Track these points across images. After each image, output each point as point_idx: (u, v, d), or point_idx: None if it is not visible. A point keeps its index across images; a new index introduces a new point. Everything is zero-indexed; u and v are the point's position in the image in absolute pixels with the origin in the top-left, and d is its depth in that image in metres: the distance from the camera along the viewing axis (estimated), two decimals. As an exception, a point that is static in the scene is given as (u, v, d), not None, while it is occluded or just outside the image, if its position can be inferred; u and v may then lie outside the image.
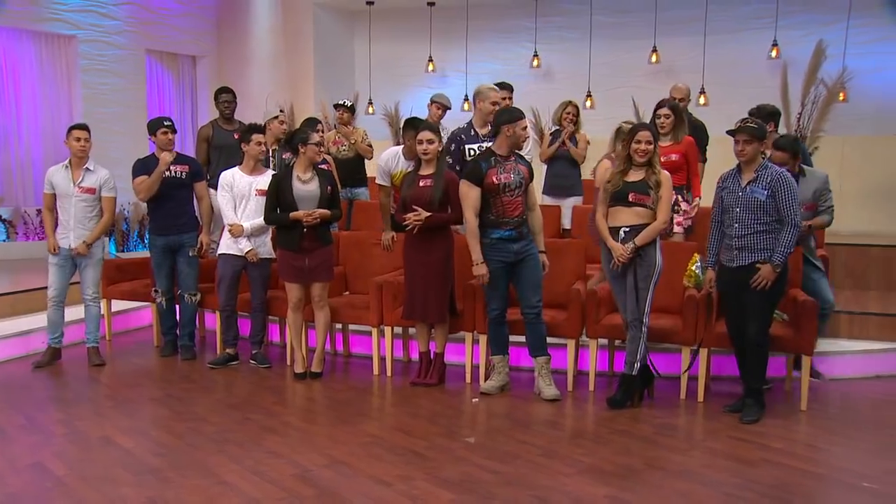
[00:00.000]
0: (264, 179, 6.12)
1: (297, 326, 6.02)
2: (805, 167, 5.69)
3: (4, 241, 10.33)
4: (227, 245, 6.19)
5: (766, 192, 4.89)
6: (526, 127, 5.48)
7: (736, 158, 5.03)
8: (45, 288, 6.42)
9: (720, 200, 5.14)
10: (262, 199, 6.03)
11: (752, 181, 4.96)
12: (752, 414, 5.03)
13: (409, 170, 5.96)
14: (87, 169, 6.27)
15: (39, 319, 6.90)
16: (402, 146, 6.38)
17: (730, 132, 5.02)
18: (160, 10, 11.57)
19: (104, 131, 10.68)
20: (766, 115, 6.06)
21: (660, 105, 6.39)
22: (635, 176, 5.18)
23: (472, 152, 6.07)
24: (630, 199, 5.14)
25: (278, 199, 5.82)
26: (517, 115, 5.41)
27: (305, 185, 5.79)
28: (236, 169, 6.23)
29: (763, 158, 5.05)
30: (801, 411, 5.23)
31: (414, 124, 6.10)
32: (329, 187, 5.85)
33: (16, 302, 7.38)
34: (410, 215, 5.52)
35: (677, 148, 6.28)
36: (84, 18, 10.68)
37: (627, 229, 5.15)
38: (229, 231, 6.16)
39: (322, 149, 6.22)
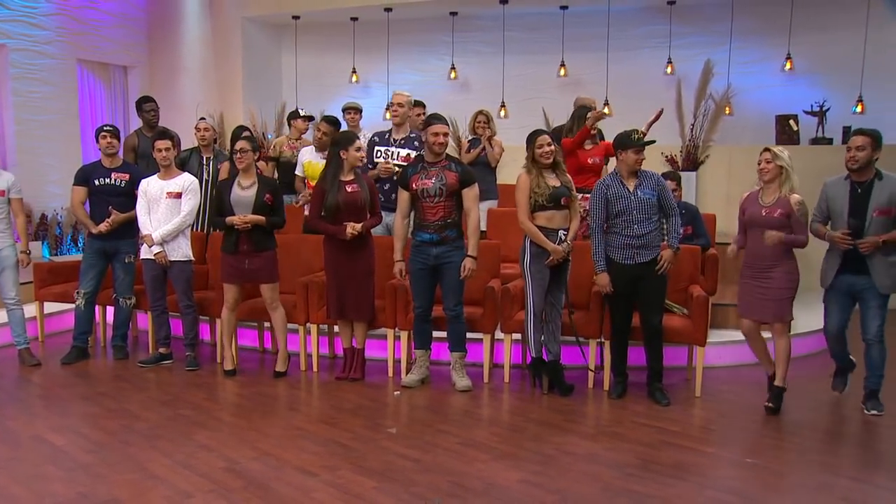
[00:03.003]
0: (176, 182, 5.98)
1: (229, 325, 5.89)
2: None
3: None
4: (144, 250, 6.04)
5: (654, 194, 5.13)
6: (438, 133, 5.29)
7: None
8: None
9: (605, 207, 5.18)
10: (173, 202, 5.94)
11: (637, 185, 5.12)
12: (666, 397, 5.21)
13: (316, 163, 6.39)
14: None
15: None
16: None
17: (634, 144, 5.12)
18: (91, 20, 11.18)
19: (36, 138, 10.31)
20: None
21: (588, 109, 6.46)
22: (555, 181, 5.25)
23: (378, 153, 6.30)
24: (563, 203, 5.24)
25: (219, 202, 5.74)
26: (429, 122, 5.37)
27: (243, 192, 5.68)
28: (154, 175, 6.09)
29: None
30: (696, 397, 5.37)
31: (330, 120, 6.72)
32: (268, 195, 5.70)
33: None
34: (350, 228, 5.45)
35: (597, 150, 6.37)
36: (14, 28, 10.23)
37: (566, 231, 5.27)
38: (142, 239, 6.01)
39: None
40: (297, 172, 6.96)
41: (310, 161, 6.74)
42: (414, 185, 5.32)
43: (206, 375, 5.93)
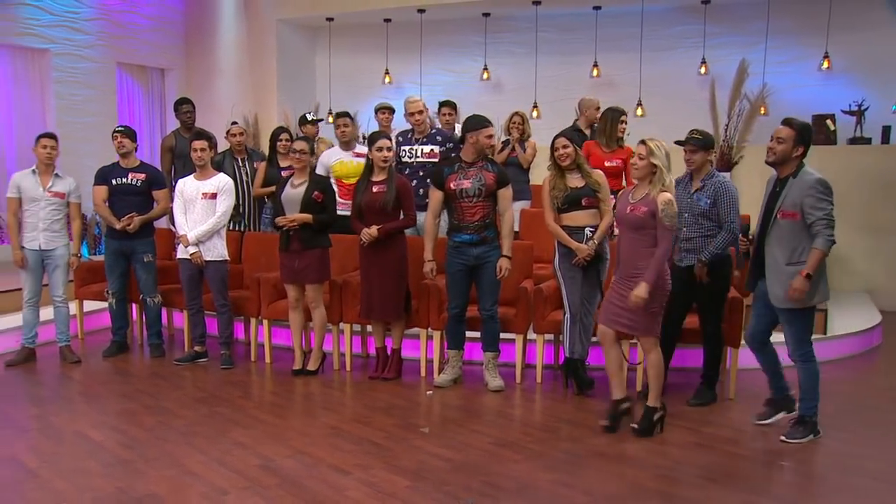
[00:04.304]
0: (211, 183, 6.05)
1: (294, 325, 5.93)
2: None
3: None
4: (180, 250, 6.11)
5: (709, 202, 4.95)
6: (491, 135, 5.36)
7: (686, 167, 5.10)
8: (18, 290, 6.30)
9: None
10: (208, 203, 6.00)
11: (698, 189, 5.02)
12: (701, 398, 5.15)
13: (347, 161, 6.34)
14: (56, 175, 6.17)
15: (13, 320, 6.75)
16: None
17: (678, 142, 5.08)
18: (130, 24, 11.37)
19: (77, 140, 10.48)
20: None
21: (621, 112, 6.41)
22: (577, 181, 5.22)
23: (404, 152, 6.32)
24: (584, 204, 5.20)
25: (275, 203, 5.86)
26: (482, 124, 5.35)
27: (294, 190, 5.73)
28: (190, 176, 6.17)
29: (711, 167, 5.07)
30: (730, 399, 5.31)
31: (342, 113, 6.72)
32: (317, 192, 5.72)
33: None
34: (364, 233, 5.49)
35: (621, 153, 6.35)
36: (57, 33, 10.44)
37: (593, 229, 5.21)
38: (178, 239, 6.08)
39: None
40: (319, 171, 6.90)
41: (340, 160, 6.67)
42: (451, 186, 5.32)
43: (240, 374, 5.99)
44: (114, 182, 6.30)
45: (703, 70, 10.03)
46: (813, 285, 4.30)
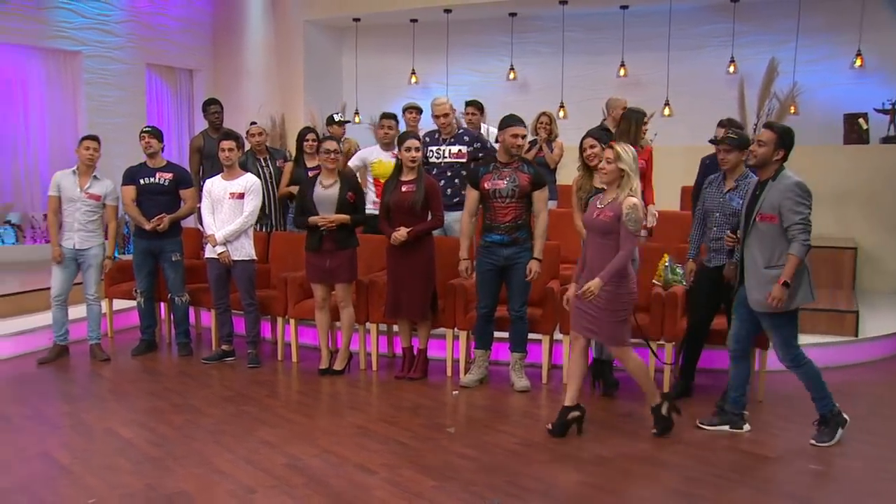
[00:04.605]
0: (238, 183, 6.10)
1: (321, 325, 5.96)
2: None
3: (14, 244, 10.21)
4: (208, 250, 6.16)
5: (741, 202, 4.84)
6: (516, 135, 5.31)
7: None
8: (48, 289, 6.40)
9: (703, 200, 5.14)
10: (236, 203, 6.04)
11: (732, 189, 4.97)
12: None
13: (386, 161, 6.30)
14: (95, 177, 6.26)
15: (46, 318, 6.86)
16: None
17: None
18: (160, 26, 11.50)
19: (107, 141, 10.54)
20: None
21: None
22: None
23: (431, 153, 6.30)
24: None
25: (302, 202, 5.83)
26: (509, 122, 5.34)
27: (325, 191, 5.75)
28: (218, 176, 6.22)
29: (745, 168, 5.00)
30: (759, 401, 5.26)
31: (389, 115, 6.81)
32: (350, 193, 5.75)
33: (23, 301, 7.29)
34: (394, 237, 5.51)
35: (642, 155, 6.29)
36: (89, 35, 10.60)
37: None
38: (206, 239, 6.15)
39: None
40: (354, 162, 6.98)
41: (380, 160, 6.72)
42: (486, 185, 5.32)
43: (267, 373, 6.03)
44: (141, 182, 6.37)
45: (731, 69, 9.96)
46: (793, 290, 4.26)
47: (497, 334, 5.65)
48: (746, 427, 4.61)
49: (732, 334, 4.64)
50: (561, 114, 10.55)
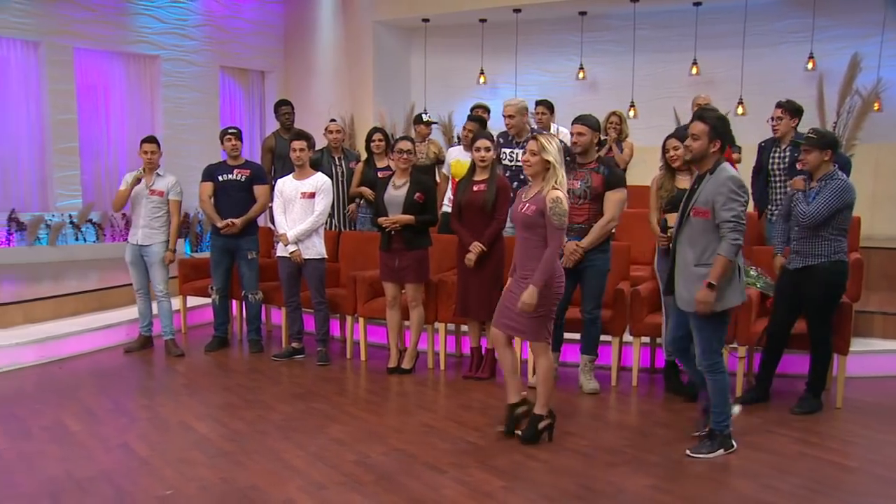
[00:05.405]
0: (310, 182, 6.18)
1: (391, 323, 6.01)
2: None
3: (94, 241, 10.59)
4: (280, 248, 6.26)
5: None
6: (572, 132, 5.31)
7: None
8: (130, 284, 6.65)
9: (787, 201, 5.05)
10: (307, 202, 6.13)
11: (815, 189, 4.84)
12: (805, 406, 4.96)
13: (463, 161, 6.26)
14: (158, 174, 6.44)
15: (124, 313, 7.11)
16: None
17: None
18: (234, 29, 11.78)
19: (182, 141, 10.95)
20: (793, 109, 5.98)
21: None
22: (685, 183, 5.09)
23: (504, 155, 6.27)
24: None
25: (375, 202, 5.94)
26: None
27: (396, 191, 5.82)
28: (289, 175, 6.32)
29: (833, 167, 4.85)
30: (837, 408, 5.10)
31: (474, 118, 6.84)
32: (419, 193, 5.78)
33: (105, 297, 7.56)
34: (468, 259, 5.52)
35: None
36: (167, 40, 10.94)
37: None
38: (278, 238, 6.26)
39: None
40: (443, 171, 7.11)
41: (457, 160, 6.77)
42: None
43: (336, 370, 6.11)
44: (220, 178, 6.54)
45: (810, 65, 9.68)
46: (720, 291, 4.06)
47: (566, 335, 5.61)
48: (734, 446, 4.34)
49: (669, 337, 4.48)
50: (631, 113, 10.42)
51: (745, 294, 4.25)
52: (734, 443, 4.31)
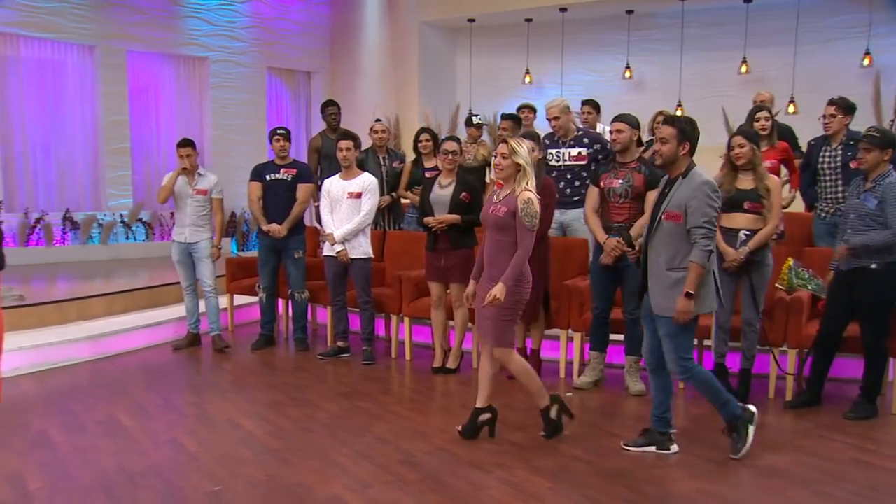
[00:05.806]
0: (356, 182, 6.21)
1: (436, 323, 6.02)
2: None
3: (144, 240, 10.80)
4: (326, 248, 6.31)
5: (875, 202, 4.69)
6: (611, 129, 5.29)
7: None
8: (178, 282, 6.79)
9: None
10: (354, 202, 6.16)
11: (868, 189, 4.76)
12: (859, 411, 4.85)
13: None
14: (199, 174, 6.57)
15: (172, 311, 7.23)
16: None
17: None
18: (281, 30, 11.92)
19: (229, 142, 11.13)
20: (846, 107, 5.84)
21: (758, 108, 6.21)
22: (746, 183, 5.01)
23: (551, 156, 6.21)
24: (745, 207, 4.98)
25: (421, 202, 5.97)
26: (613, 119, 5.32)
27: (442, 191, 5.84)
28: (336, 175, 6.36)
29: (889, 167, 4.74)
30: (893, 414, 4.97)
31: (509, 116, 6.90)
32: (465, 193, 5.78)
33: (155, 295, 7.70)
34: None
35: (772, 154, 6.09)
36: (215, 41, 11.12)
37: (749, 233, 4.99)
38: (324, 238, 6.30)
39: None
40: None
41: None
42: (602, 184, 5.28)
43: (381, 370, 6.14)
44: (267, 178, 6.63)
45: (866, 62, 9.46)
46: (695, 299, 4.00)
47: (613, 337, 5.57)
48: (674, 448, 4.28)
49: (646, 348, 4.38)
50: (678, 113, 10.29)
51: (715, 302, 4.19)
52: (752, 408, 4.29)
